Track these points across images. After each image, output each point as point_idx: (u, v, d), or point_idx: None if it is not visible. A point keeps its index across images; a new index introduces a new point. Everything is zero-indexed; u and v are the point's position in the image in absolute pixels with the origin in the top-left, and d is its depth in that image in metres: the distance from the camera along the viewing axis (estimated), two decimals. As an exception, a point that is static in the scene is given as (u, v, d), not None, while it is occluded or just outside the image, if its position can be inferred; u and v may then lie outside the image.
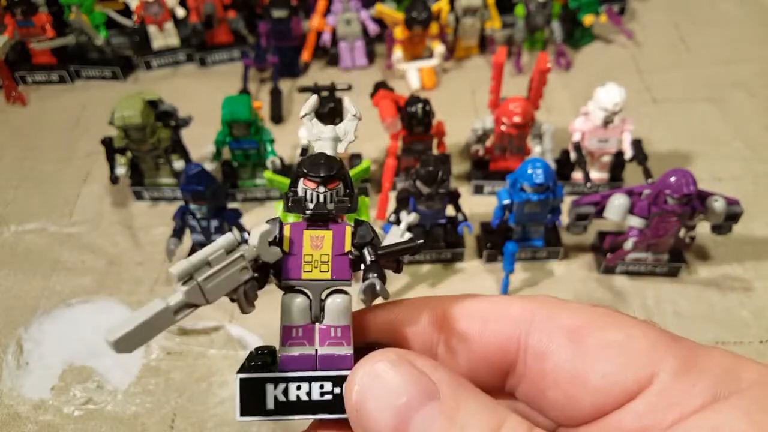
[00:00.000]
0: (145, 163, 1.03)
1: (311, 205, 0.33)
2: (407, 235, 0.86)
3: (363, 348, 0.32)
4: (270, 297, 0.36)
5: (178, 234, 0.90)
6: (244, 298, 0.31)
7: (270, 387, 0.32)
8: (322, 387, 0.32)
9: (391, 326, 0.35)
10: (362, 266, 0.33)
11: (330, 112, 0.98)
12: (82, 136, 1.22)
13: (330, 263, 0.33)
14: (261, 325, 0.84)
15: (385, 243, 0.34)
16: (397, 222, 0.86)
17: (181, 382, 0.79)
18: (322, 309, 0.33)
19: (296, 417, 0.33)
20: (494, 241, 0.92)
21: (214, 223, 0.89)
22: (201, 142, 1.07)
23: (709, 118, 1.20)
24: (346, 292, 0.33)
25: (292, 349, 0.33)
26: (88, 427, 0.75)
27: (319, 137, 0.37)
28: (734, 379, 0.28)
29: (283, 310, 0.33)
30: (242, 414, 0.33)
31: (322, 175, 0.33)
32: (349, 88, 1.07)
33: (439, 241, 0.93)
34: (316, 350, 0.33)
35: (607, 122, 0.96)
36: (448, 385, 0.27)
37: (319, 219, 0.34)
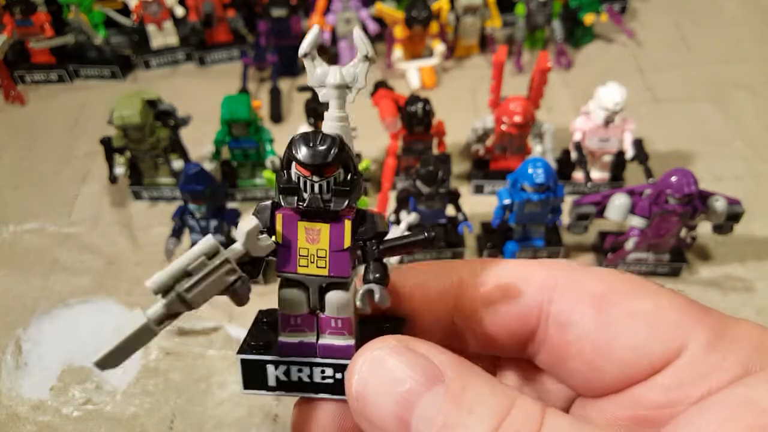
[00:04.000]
0: (144, 163, 1.03)
1: (305, 195, 0.29)
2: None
3: (372, 323, 0.31)
4: (271, 298, 0.36)
5: (177, 234, 0.89)
6: (235, 296, 0.29)
7: (271, 368, 0.32)
8: (323, 372, 0.31)
9: (406, 294, 0.33)
10: (364, 263, 0.31)
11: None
12: (81, 136, 1.21)
13: (327, 259, 0.30)
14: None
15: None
16: (397, 222, 0.86)
17: (180, 383, 0.79)
18: (321, 300, 0.31)
19: (298, 394, 0.32)
20: (495, 241, 0.92)
21: (214, 222, 0.88)
22: (200, 141, 1.07)
23: (710, 117, 1.20)
24: (347, 286, 0.31)
25: (292, 335, 0.31)
26: (87, 428, 0.75)
27: (323, 83, 0.31)
28: (765, 353, 0.27)
29: (280, 300, 0.31)
30: (245, 387, 0.32)
31: (316, 163, 0.28)
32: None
33: (440, 241, 0.92)
34: (317, 338, 0.32)
35: (608, 122, 0.96)
36: (453, 369, 0.26)
37: (316, 211, 0.30)
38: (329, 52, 1.38)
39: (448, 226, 0.92)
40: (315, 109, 0.99)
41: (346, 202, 0.29)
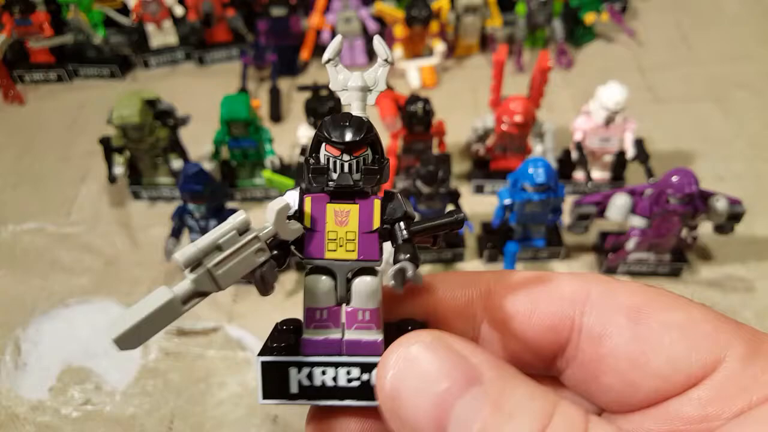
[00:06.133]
0: (143, 163, 1.03)
1: (335, 176, 0.29)
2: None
3: (393, 326, 0.30)
4: (270, 298, 0.35)
5: (176, 234, 0.89)
6: (262, 282, 0.28)
7: (293, 371, 0.30)
8: (348, 373, 0.29)
9: (430, 303, 0.32)
10: (393, 245, 0.30)
11: (330, 111, 0.98)
12: (80, 136, 1.21)
13: (357, 241, 0.30)
14: (260, 327, 0.84)
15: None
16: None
17: (180, 384, 0.78)
18: (348, 290, 0.30)
19: (321, 402, 0.30)
20: (495, 241, 0.92)
21: (213, 222, 0.88)
22: (199, 141, 1.07)
23: (711, 117, 1.19)
24: (375, 272, 0.30)
25: (317, 332, 0.30)
26: (86, 428, 0.74)
27: (345, 87, 0.32)
28: None
29: (306, 291, 0.30)
30: (264, 397, 0.30)
31: (347, 140, 0.29)
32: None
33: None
34: (343, 334, 0.30)
35: (608, 121, 0.96)
36: (492, 369, 0.25)
37: (345, 192, 0.29)
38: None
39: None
40: (315, 109, 0.99)
41: (376, 182, 0.29)
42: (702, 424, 0.26)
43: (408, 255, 0.28)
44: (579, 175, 1.04)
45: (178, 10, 1.34)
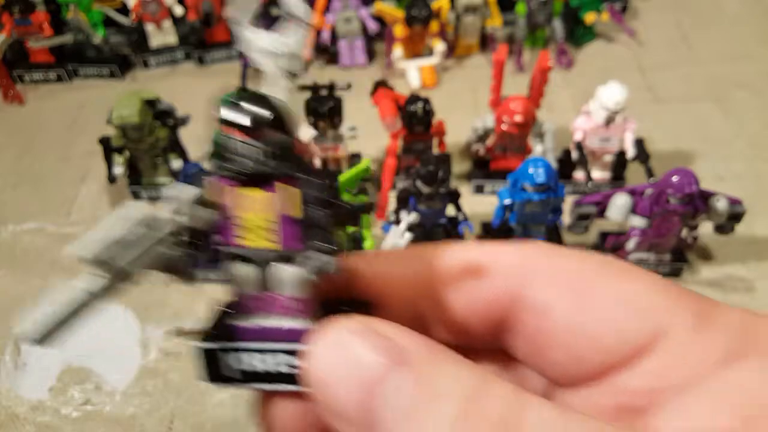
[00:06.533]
0: (142, 163, 1.03)
1: (242, 159, 0.27)
2: (408, 236, 0.85)
3: (330, 307, 0.28)
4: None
5: (176, 234, 0.89)
6: (180, 273, 0.26)
7: (227, 357, 0.29)
8: (280, 359, 0.28)
9: (370, 279, 0.30)
10: (306, 231, 0.28)
11: (330, 111, 0.98)
12: (80, 135, 1.21)
13: (276, 229, 0.28)
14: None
15: (385, 243, 0.31)
16: (397, 222, 0.85)
17: (180, 383, 0.78)
18: (273, 279, 0.29)
19: (257, 386, 0.29)
20: (495, 240, 0.92)
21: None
22: (199, 141, 1.07)
23: (711, 117, 1.19)
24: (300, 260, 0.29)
25: (245, 318, 0.29)
26: (86, 428, 0.75)
27: (256, 49, 0.29)
28: (752, 337, 0.25)
29: (228, 280, 0.29)
30: (211, 380, 0.30)
31: (245, 121, 0.26)
32: (349, 86, 1.06)
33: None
34: (272, 321, 0.29)
35: (608, 121, 0.96)
36: (420, 350, 0.24)
37: (257, 176, 0.27)
38: (329, 51, 1.37)
39: (448, 226, 0.92)
40: (315, 109, 0.99)
41: (287, 166, 0.27)
42: (649, 397, 0.25)
43: (322, 241, 0.26)
44: (579, 175, 1.04)
45: (178, 10, 1.34)
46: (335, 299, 0.29)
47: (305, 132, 1.02)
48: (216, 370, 0.29)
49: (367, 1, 1.33)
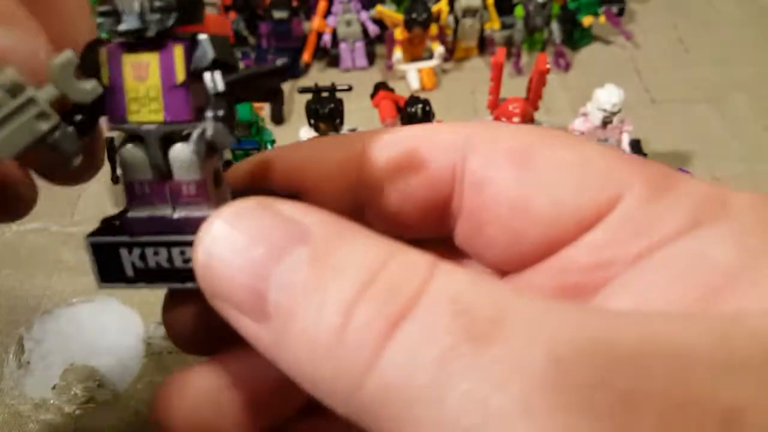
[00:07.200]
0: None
1: (125, 18, 0.23)
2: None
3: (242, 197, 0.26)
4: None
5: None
6: (58, 152, 0.23)
7: (124, 252, 0.26)
8: (183, 253, 0.25)
9: (294, 172, 0.28)
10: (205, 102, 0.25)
11: (330, 113, 0.99)
12: (84, 137, 1.22)
13: (161, 100, 0.24)
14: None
15: None
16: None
17: (182, 381, 0.79)
18: (166, 160, 0.25)
19: (160, 285, 0.27)
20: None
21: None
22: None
23: (708, 118, 1.20)
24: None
25: (140, 209, 0.27)
26: (90, 426, 0.75)
27: None
28: (719, 205, 0.22)
29: (121, 164, 0.26)
30: (102, 281, 0.27)
31: None
32: (350, 88, 1.07)
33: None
34: (172, 211, 0.26)
35: (605, 123, 0.97)
36: (323, 227, 0.21)
37: (142, 40, 0.24)
38: (330, 54, 1.38)
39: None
40: (316, 111, 1.00)
41: (171, 20, 0.24)
42: (597, 273, 0.23)
43: (217, 111, 0.23)
44: (577, 176, 1.05)
45: None
46: (255, 191, 0.26)
47: (306, 133, 1.03)
48: (119, 270, 0.27)
49: (368, 4, 1.34)
